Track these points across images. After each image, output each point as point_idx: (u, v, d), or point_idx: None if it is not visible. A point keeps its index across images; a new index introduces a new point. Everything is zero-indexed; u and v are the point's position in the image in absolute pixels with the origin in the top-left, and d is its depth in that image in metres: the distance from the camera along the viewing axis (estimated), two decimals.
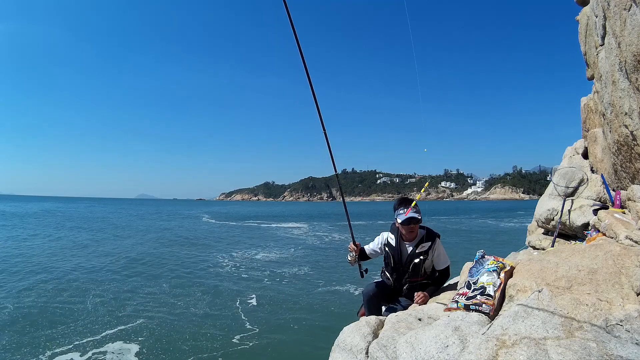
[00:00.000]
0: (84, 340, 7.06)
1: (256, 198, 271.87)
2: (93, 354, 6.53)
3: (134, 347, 6.77)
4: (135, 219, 43.83)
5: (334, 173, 3.43)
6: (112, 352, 6.59)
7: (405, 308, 3.00)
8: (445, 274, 3.20)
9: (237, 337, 7.26)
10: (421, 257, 3.04)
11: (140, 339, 7.15)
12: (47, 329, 7.54)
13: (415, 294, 3.01)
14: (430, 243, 3.07)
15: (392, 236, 3.19)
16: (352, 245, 3.31)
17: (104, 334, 7.40)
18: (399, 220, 3.02)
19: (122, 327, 7.76)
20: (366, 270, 3.38)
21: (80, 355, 6.46)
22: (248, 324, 7.99)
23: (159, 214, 57.96)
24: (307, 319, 8.30)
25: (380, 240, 3.28)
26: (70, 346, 6.81)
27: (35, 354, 6.42)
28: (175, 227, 33.53)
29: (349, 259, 3.31)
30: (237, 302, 9.57)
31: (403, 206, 3.02)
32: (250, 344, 6.91)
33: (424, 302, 2.92)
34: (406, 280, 3.11)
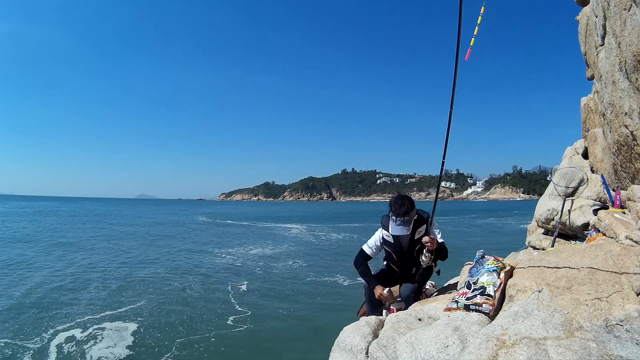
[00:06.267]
0: (85, 319, 7.40)
1: (256, 198, 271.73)
2: (93, 330, 6.87)
3: (132, 326, 7.10)
4: (134, 218, 43.91)
5: (442, 161, 2.89)
6: (111, 329, 6.90)
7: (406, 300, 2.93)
8: (444, 247, 3.10)
9: (231, 319, 7.60)
10: (422, 243, 2.99)
11: (139, 319, 7.49)
12: (51, 310, 7.87)
13: (424, 240, 2.92)
14: (425, 226, 3.02)
15: (387, 232, 3.07)
16: (381, 292, 2.94)
17: (103, 314, 7.75)
18: (390, 230, 2.95)
19: (122, 308, 8.11)
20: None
21: (81, 332, 6.76)
22: (239, 307, 8.40)
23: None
24: (295, 305, 8.68)
25: (376, 240, 3.17)
26: (72, 323, 7.14)
27: (38, 333, 6.73)
28: (173, 226, 33.64)
29: (424, 259, 2.94)
30: (229, 288, 10.09)
31: (395, 214, 2.87)
32: (244, 327, 7.21)
33: (433, 245, 2.88)
34: (413, 267, 3.08)
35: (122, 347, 6.20)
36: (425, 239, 2.91)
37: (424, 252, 2.94)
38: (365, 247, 3.21)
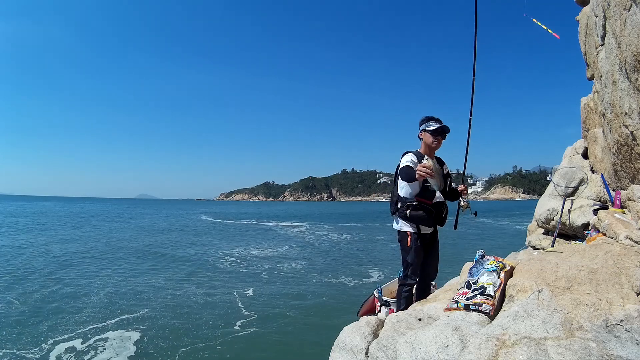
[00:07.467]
0: (87, 329, 7.16)
1: (256, 198, 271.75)
2: (95, 341, 6.63)
3: (135, 335, 6.90)
4: (134, 218, 43.94)
5: (463, 170, 3.34)
6: (114, 339, 6.68)
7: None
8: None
9: (238, 323, 7.51)
10: (450, 178, 3.16)
11: (141, 327, 7.31)
12: (50, 320, 7.65)
13: (459, 187, 3.13)
14: (446, 166, 3.20)
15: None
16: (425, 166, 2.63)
17: (105, 322, 7.54)
18: (431, 129, 2.96)
19: (124, 316, 7.92)
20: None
21: (82, 343, 6.53)
22: (245, 311, 8.28)
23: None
24: (302, 307, 8.67)
25: (412, 158, 2.96)
26: (72, 334, 6.90)
27: (37, 343, 6.47)
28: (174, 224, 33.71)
29: (463, 204, 3.07)
30: (235, 292, 9.91)
31: (434, 120, 3.04)
32: (250, 331, 7.15)
33: (466, 192, 3.14)
34: (444, 204, 3.16)
35: (124, 357, 6.05)
36: (460, 187, 3.12)
37: (461, 198, 3.12)
38: (408, 164, 2.94)
